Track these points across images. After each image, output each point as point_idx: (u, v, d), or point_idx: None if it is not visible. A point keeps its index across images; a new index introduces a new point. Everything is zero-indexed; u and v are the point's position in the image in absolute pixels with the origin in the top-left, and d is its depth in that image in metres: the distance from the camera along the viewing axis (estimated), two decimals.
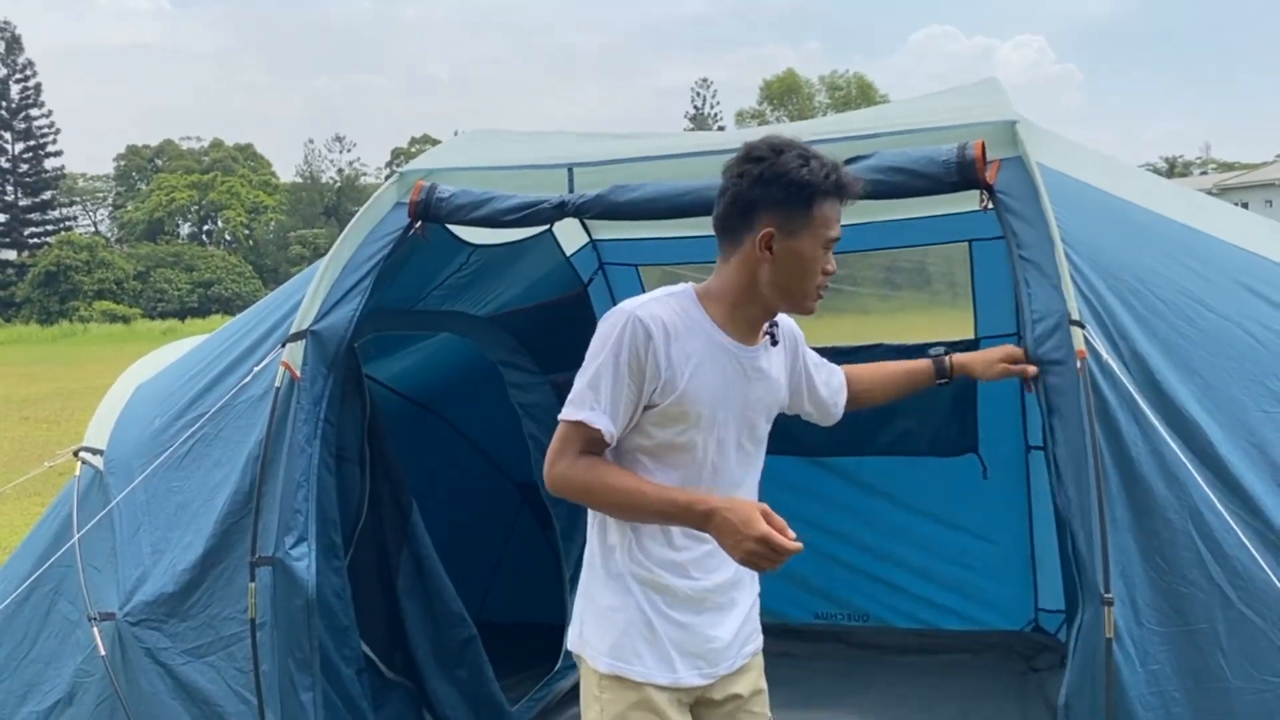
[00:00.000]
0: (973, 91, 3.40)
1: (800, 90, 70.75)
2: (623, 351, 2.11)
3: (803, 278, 2.16)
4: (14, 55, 67.11)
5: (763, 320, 2.26)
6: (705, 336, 2.18)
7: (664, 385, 2.13)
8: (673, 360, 2.12)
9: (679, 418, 2.15)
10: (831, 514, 4.98)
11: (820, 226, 2.14)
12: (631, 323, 2.11)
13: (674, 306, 2.18)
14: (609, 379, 2.11)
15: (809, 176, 2.11)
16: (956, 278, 4.78)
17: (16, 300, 58.27)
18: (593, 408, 2.12)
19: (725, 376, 2.20)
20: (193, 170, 72.28)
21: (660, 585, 2.19)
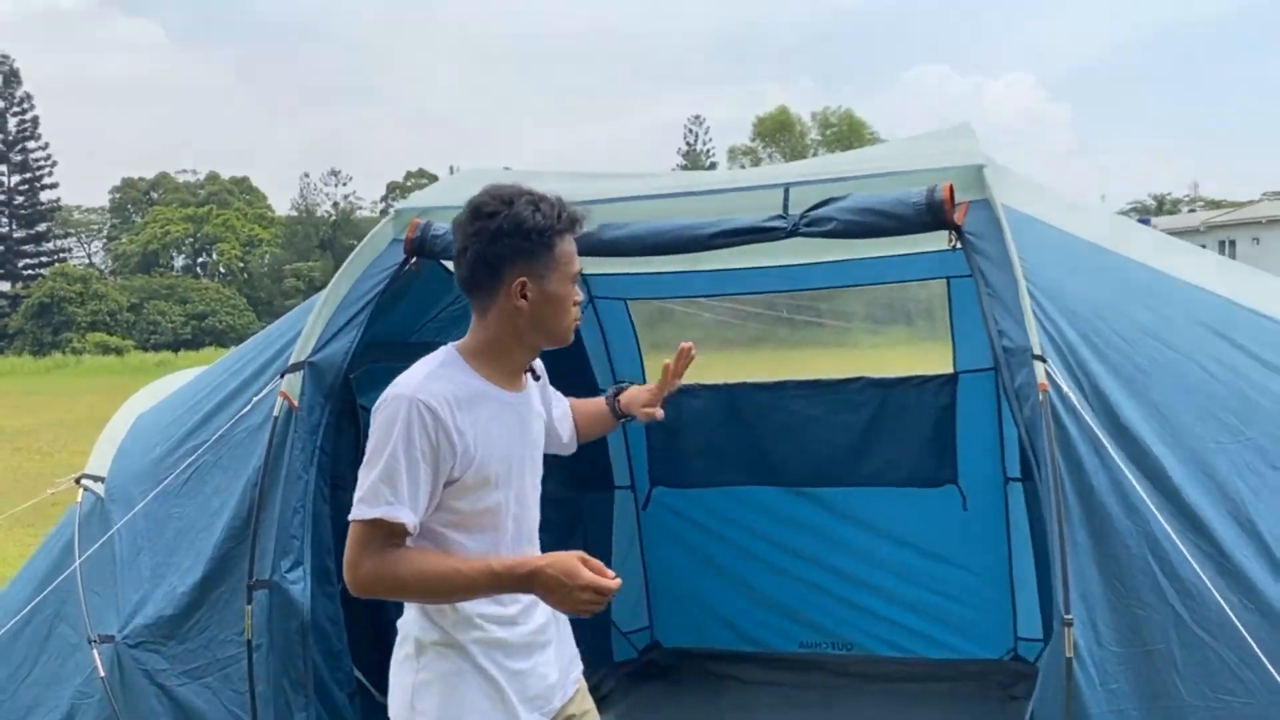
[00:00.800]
0: (945, 136, 3.55)
1: (792, 127, 71.44)
2: (413, 437, 2.08)
3: (561, 315, 2.25)
4: (12, 88, 67.56)
5: (527, 363, 2.33)
6: (483, 397, 2.20)
7: (460, 459, 2.13)
8: (463, 432, 2.13)
9: (480, 484, 2.18)
10: (815, 544, 5.08)
11: (564, 264, 2.22)
12: (415, 407, 2.09)
13: (445, 375, 2.19)
14: (404, 469, 2.08)
15: (544, 221, 2.18)
16: (936, 313, 4.91)
17: (9, 332, 58.26)
18: (389, 502, 2.08)
19: (509, 429, 2.24)
20: (188, 203, 72.54)
21: (495, 640, 2.21)
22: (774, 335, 5.75)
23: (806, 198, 3.14)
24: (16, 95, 67.55)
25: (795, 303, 5.43)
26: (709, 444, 5.16)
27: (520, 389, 2.30)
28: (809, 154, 68.47)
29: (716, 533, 5.25)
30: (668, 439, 5.20)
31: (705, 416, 5.15)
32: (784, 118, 71.44)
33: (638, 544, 5.37)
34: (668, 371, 2.77)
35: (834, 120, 71.07)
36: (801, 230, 3.10)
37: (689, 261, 4.68)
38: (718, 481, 5.18)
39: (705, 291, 5.11)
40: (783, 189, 3.23)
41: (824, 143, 70.24)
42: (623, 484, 5.33)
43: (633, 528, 5.35)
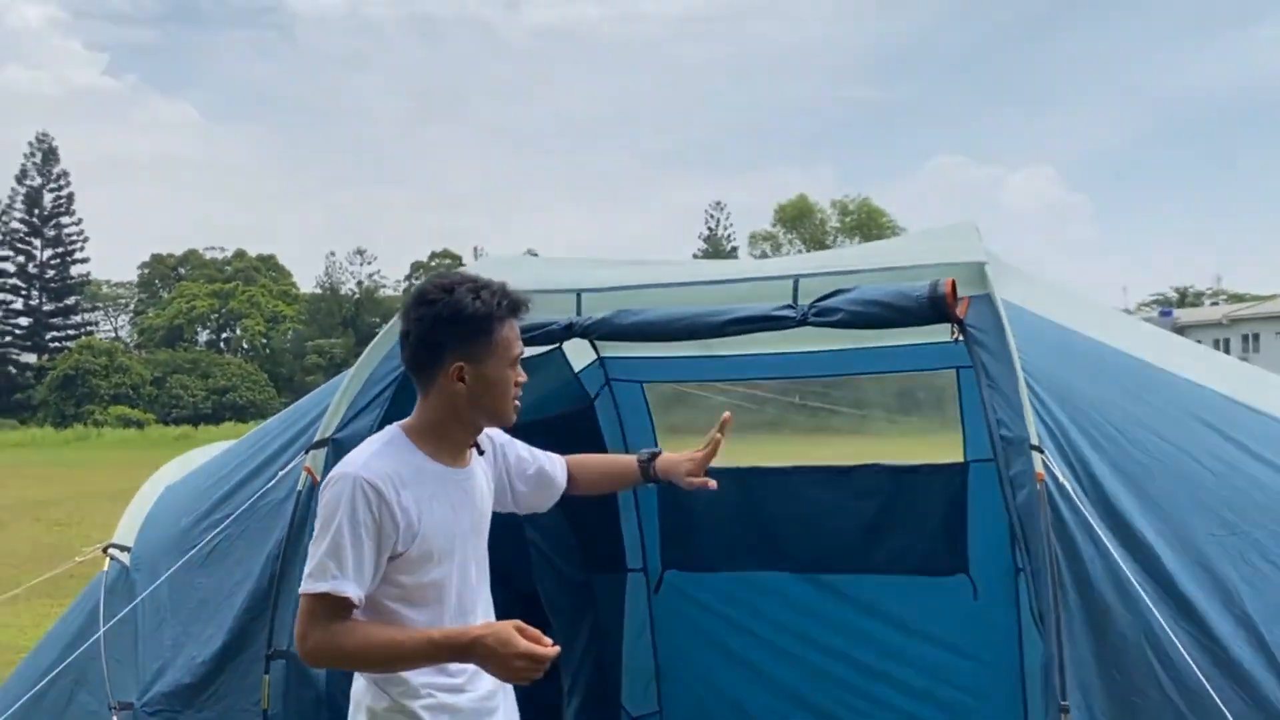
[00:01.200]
0: (950, 233, 3.69)
1: (812, 214, 72.28)
2: (358, 514, 2.17)
3: (500, 398, 2.33)
4: (50, 166, 69.39)
5: (470, 440, 2.41)
6: (426, 474, 2.29)
7: (403, 534, 2.22)
8: (406, 509, 2.22)
9: (423, 559, 2.25)
10: (827, 631, 5.09)
11: (503, 349, 2.31)
12: (358, 485, 2.18)
13: (389, 454, 2.28)
14: (349, 545, 2.16)
15: (483, 308, 2.28)
16: (946, 402, 5.00)
17: (33, 403, 58.88)
18: (335, 577, 2.16)
19: (453, 504, 2.33)
20: (215, 279, 73.73)
21: (443, 706, 2.28)
22: (789, 421, 5.83)
23: (815, 289, 3.27)
24: (53, 172, 69.36)
25: (809, 389, 5.54)
26: (722, 528, 5.21)
27: (464, 465, 2.39)
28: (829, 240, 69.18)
29: (728, 617, 5.26)
30: (681, 522, 5.26)
31: (718, 500, 5.17)
32: (804, 205, 72.36)
33: (649, 627, 5.38)
34: (716, 442, 2.86)
35: (852, 208, 71.92)
36: (810, 320, 3.22)
37: (704, 346, 4.80)
38: (730, 566, 5.21)
39: (720, 376, 5.22)
40: (792, 280, 3.37)
41: (843, 230, 70.97)
42: (635, 566, 5.37)
43: (645, 611, 5.37)
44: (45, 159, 69.37)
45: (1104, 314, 3.79)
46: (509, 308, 2.33)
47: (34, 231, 68.90)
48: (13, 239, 68.53)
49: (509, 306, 2.33)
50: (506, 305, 2.32)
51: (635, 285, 3.65)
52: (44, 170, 69.19)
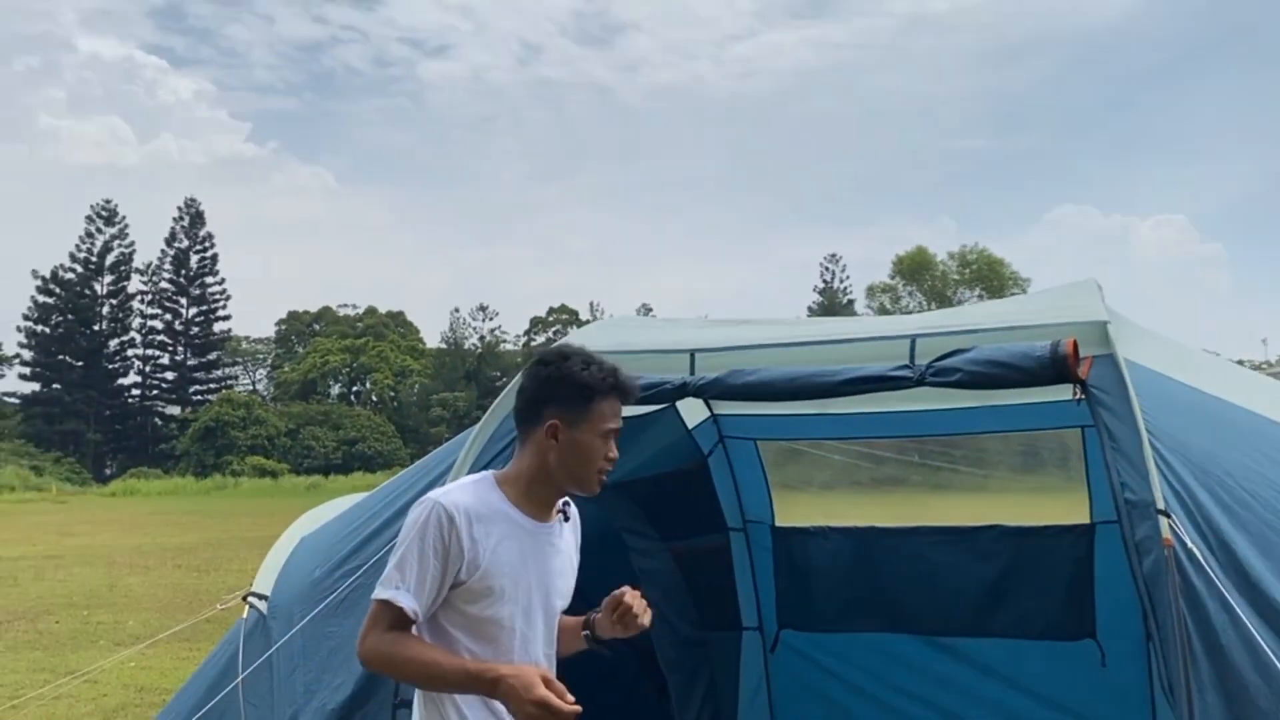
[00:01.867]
0: (1071, 291, 3.64)
1: (931, 265, 71.08)
2: (428, 535, 2.35)
3: (586, 464, 2.47)
4: (196, 229, 73.42)
5: (554, 499, 2.54)
6: (503, 517, 2.44)
7: (468, 563, 2.36)
8: (476, 540, 2.37)
9: (485, 593, 2.39)
10: (945, 694, 4.97)
11: (599, 421, 2.45)
12: (436, 509, 2.37)
13: (473, 492, 2.45)
14: (414, 561, 2.35)
15: (588, 379, 2.46)
16: (1071, 461, 4.87)
17: (176, 453, 61.77)
18: (398, 587, 2.35)
19: (524, 551, 2.45)
20: (347, 335, 76.49)
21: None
22: (908, 479, 5.75)
23: (933, 349, 3.26)
24: (199, 235, 73.33)
25: (928, 447, 5.45)
26: (838, 588, 5.16)
27: (546, 520, 2.52)
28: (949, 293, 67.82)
29: (845, 679, 5.19)
30: (797, 581, 5.23)
31: (835, 560, 5.17)
32: (922, 257, 71.23)
33: (765, 687, 5.35)
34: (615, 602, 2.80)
35: (971, 259, 70.46)
36: (928, 380, 3.20)
37: (820, 404, 4.80)
38: (847, 627, 5.15)
39: (835, 434, 5.20)
40: (909, 340, 3.37)
41: (963, 282, 69.54)
42: (750, 625, 5.35)
43: (760, 670, 5.34)
44: (192, 222, 73.47)
45: (1232, 373, 3.67)
46: (613, 386, 2.48)
47: (181, 290, 72.83)
48: (161, 298, 72.54)
49: (613, 385, 2.48)
50: (610, 383, 2.48)
51: (748, 345, 3.70)
52: (191, 233, 73.23)
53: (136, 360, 72.07)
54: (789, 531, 5.26)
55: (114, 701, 8.24)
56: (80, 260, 69.95)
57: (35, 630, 11.54)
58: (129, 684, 8.81)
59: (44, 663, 9.74)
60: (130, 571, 16.87)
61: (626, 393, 2.51)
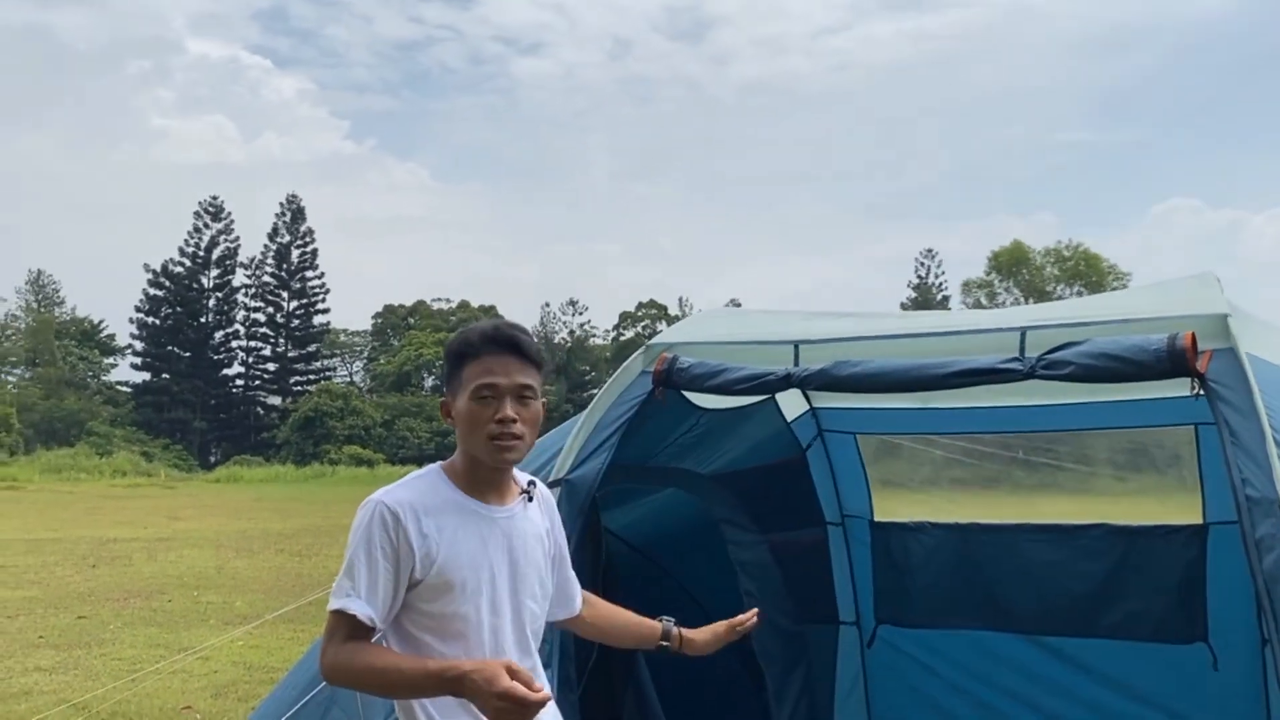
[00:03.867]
0: (1188, 284, 3.54)
1: (1029, 261, 69.41)
2: (373, 537, 2.25)
3: (471, 433, 2.33)
4: (298, 224, 75.57)
5: (497, 479, 2.40)
6: (455, 506, 2.33)
7: (421, 560, 2.26)
8: (426, 535, 2.27)
9: (445, 588, 2.28)
10: (1049, 696, 4.88)
11: (468, 383, 2.32)
12: (378, 509, 2.28)
13: (419, 486, 2.36)
14: (363, 565, 2.25)
15: (450, 347, 2.39)
16: (1184, 460, 4.74)
17: (277, 442, 63.69)
18: (348, 594, 2.25)
19: (483, 538, 2.34)
20: (440, 328, 77.83)
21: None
22: (1010, 477, 5.65)
23: (1043, 341, 3.21)
24: (300, 230, 75.47)
25: (1032, 444, 5.35)
26: (938, 584, 5.10)
27: (502, 504, 2.40)
28: (1047, 289, 66.17)
29: (943, 676, 5.14)
30: (895, 577, 5.19)
31: (935, 556, 5.11)
32: (1019, 252, 69.63)
33: (862, 682, 5.32)
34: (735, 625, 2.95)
35: (1068, 254, 68.58)
36: (1038, 373, 3.15)
37: (921, 398, 4.76)
38: (946, 623, 5.09)
39: (936, 429, 5.14)
40: (1019, 332, 3.32)
41: (1061, 278, 67.75)
42: (848, 619, 5.32)
43: (857, 665, 5.31)
44: (294, 218, 75.63)
45: None
46: (471, 344, 2.37)
47: (282, 285, 75.03)
48: (264, 291, 74.85)
49: (471, 343, 2.37)
50: (472, 341, 2.37)
51: (854, 337, 3.69)
52: (292, 228, 75.41)
53: (240, 351, 74.59)
54: (888, 526, 5.23)
55: (225, 678, 8.58)
56: (188, 255, 72.63)
57: (150, 608, 12.07)
58: (239, 661, 9.17)
59: (159, 639, 10.19)
60: (236, 555, 17.50)
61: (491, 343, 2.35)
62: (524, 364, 2.36)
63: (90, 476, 46.77)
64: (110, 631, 10.58)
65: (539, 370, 2.41)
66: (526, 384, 2.35)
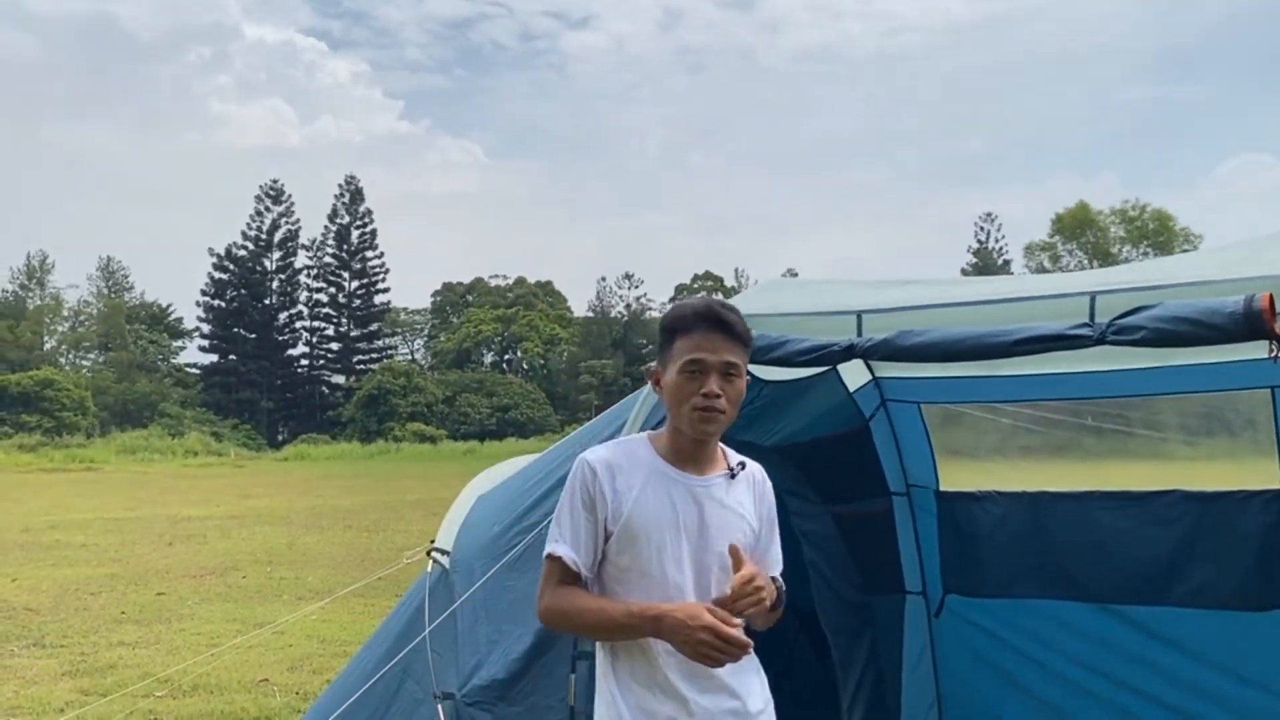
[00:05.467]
0: (1264, 243, 3.44)
1: (1094, 223, 67.82)
2: (575, 490, 2.49)
3: (676, 405, 2.48)
4: (356, 205, 76.50)
5: (695, 450, 2.53)
6: (648, 467, 2.51)
7: (612, 512, 2.46)
8: (618, 490, 2.46)
9: (631, 540, 2.45)
10: (1123, 665, 4.81)
11: (677, 357, 2.47)
12: (580, 465, 2.51)
13: (623, 447, 2.58)
14: (567, 514, 2.49)
15: (665, 321, 2.55)
16: (1260, 424, 4.62)
17: (342, 420, 64.84)
18: (557, 540, 2.48)
19: (671, 500, 2.48)
20: (498, 305, 78.51)
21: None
22: (1079, 444, 5.55)
23: (1114, 306, 3.13)
24: (359, 211, 76.40)
25: (1102, 410, 5.25)
26: (1007, 553, 5.04)
27: (700, 473, 2.53)
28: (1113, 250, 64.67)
29: (1015, 647, 5.08)
30: (962, 546, 5.13)
31: (1003, 525, 5.05)
32: (1084, 214, 68.03)
33: (929, 653, 5.28)
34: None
35: (1136, 215, 66.80)
36: (1109, 339, 3.08)
37: (985, 366, 4.68)
38: (1016, 593, 5.03)
39: (1001, 397, 5.06)
40: (1089, 297, 3.25)
41: (1129, 239, 66.10)
42: (914, 589, 5.28)
43: (924, 636, 5.28)
44: (353, 199, 76.56)
45: None
46: (685, 319, 2.51)
47: (343, 265, 76.10)
48: (325, 272, 76.00)
49: (685, 318, 2.51)
50: (686, 316, 2.51)
51: (918, 305, 3.63)
52: (351, 209, 76.36)
53: (304, 331, 75.99)
54: (954, 496, 5.17)
55: (300, 651, 8.79)
56: (251, 238, 73.95)
57: (225, 584, 12.40)
58: (312, 635, 9.39)
59: (235, 614, 10.47)
60: (306, 531, 17.89)
61: (702, 320, 2.49)
62: (731, 342, 2.50)
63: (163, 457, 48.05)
64: (188, 607, 10.90)
65: (746, 348, 2.55)
66: (732, 361, 2.49)
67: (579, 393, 69.46)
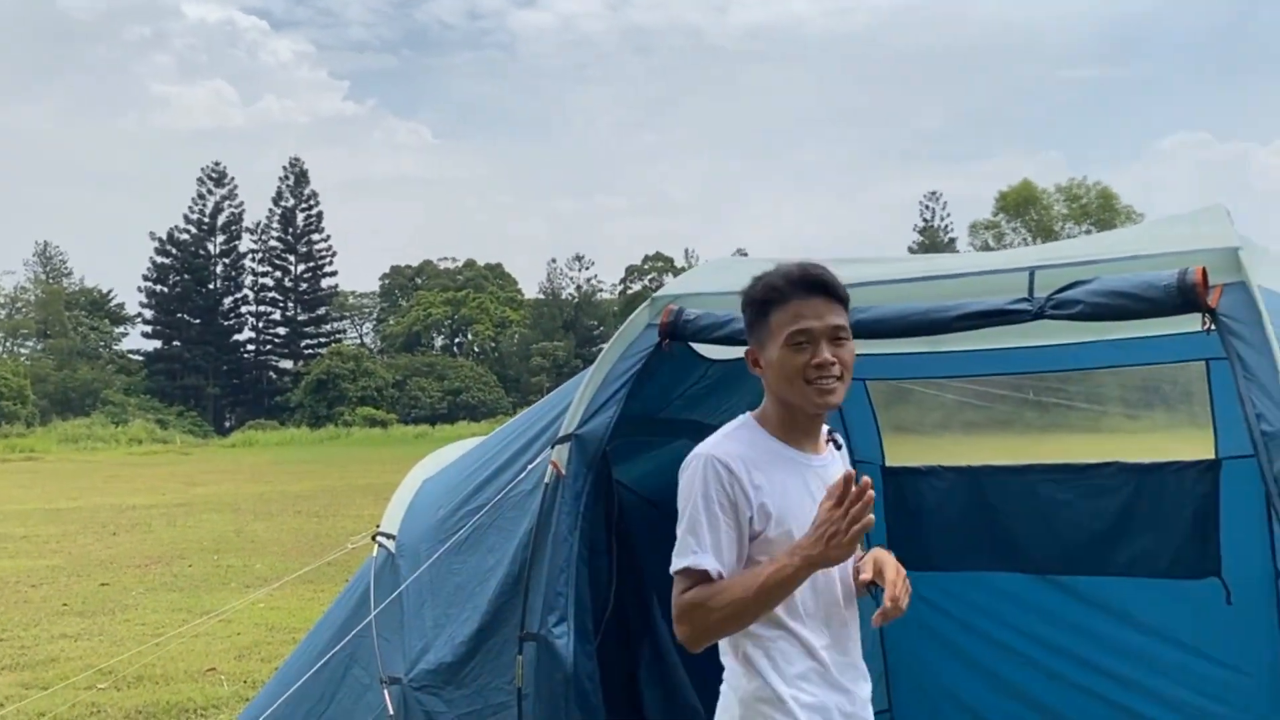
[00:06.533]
0: (1197, 218, 3.49)
1: (1038, 201, 68.78)
2: (710, 492, 2.22)
3: (788, 382, 2.27)
4: (301, 187, 75.36)
5: (808, 425, 2.35)
6: (777, 455, 2.31)
7: (758, 512, 2.24)
8: (759, 487, 2.25)
9: (783, 539, 2.23)
10: (1065, 634, 4.91)
11: (778, 331, 2.28)
12: (710, 463, 2.25)
13: (742, 437, 2.33)
14: (704, 521, 2.22)
15: (755, 294, 2.33)
16: (1195, 396, 4.72)
17: (290, 405, 64.06)
18: (694, 552, 2.22)
19: (807, 488, 2.30)
20: (448, 288, 77.89)
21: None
22: (1021, 418, 5.63)
23: (1052, 281, 3.17)
24: (305, 193, 75.29)
25: (1043, 384, 5.33)
26: (952, 527, 5.11)
27: (818, 452, 2.37)
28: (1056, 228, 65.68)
29: (960, 618, 5.16)
30: (909, 521, 5.19)
31: (948, 499, 5.11)
32: (1028, 191, 68.95)
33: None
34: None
35: (1081, 193, 67.86)
36: (1048, 313, 3.12)
37: (929, 343, 4.71)
38: (961, 565, 5.11)
39: (946, 372, 5.11)
40: (1028, 272, 3.27)
41: (1072, 216, 67.15)
42: None
43: (870, 609, 5.32)
44: (297, 181, 75.42)
45: None
46: (780, 289, 2.30)
47: (289, 248, 74.98)
48: (271, 256, 74.87)
49: (780, 288, 2.30)
50: (779, 285, 2.30)
51: (860, 282, 3.63)
52: (296, 192, 75.22)
53: (250, 316, 74.82)
54: (899, 471, 5.23)
55: (247, 639, 8.69)
56: (194, 221, 72.58)
57: (171, 573, 12.21)
58: (260, 623, 9.29)
59: (181, 603, 10.32)
60: (255, 518, 17.67)
61: (798, 286, 2.28)
62: (833, 304, 2.31)
63: (107, 445, 47.17)
64: (133, 597, 10.72)
65: (847, 308, 2.36)
66: (839, 324, 2.31)
67: (531, 375, 69.26)
